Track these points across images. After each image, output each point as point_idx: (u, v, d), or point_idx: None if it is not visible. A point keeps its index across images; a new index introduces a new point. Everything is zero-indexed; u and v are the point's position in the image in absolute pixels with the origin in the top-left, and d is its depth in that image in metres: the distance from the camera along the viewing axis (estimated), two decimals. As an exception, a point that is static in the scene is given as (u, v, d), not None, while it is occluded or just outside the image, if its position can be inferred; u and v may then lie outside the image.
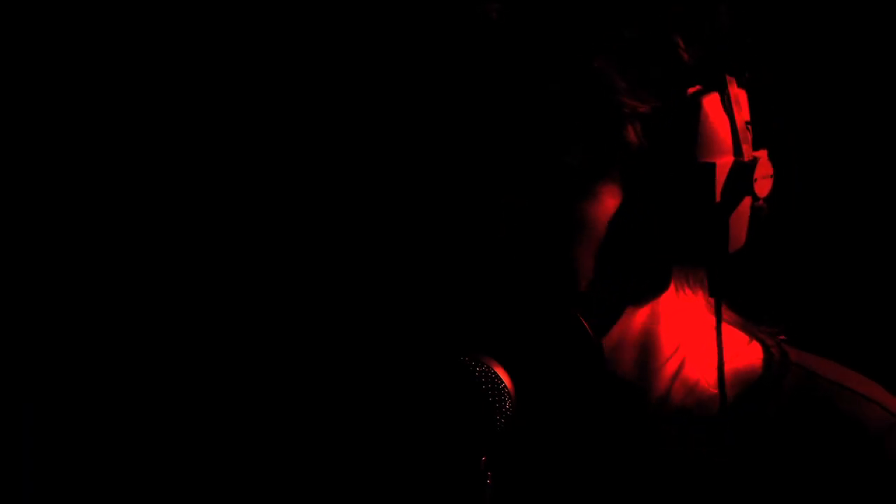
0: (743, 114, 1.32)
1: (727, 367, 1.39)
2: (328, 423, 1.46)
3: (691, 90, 1.30)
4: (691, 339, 1.41)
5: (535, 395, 1.25)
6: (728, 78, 1.31)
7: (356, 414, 1.44)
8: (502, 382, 1.23)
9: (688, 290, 1.38)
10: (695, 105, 1.29)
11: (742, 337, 1.43)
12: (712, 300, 1.39)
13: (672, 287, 1.36)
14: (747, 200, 1.31)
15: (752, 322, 1.43)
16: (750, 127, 1.33)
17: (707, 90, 1.30)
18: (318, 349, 1.74)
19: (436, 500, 1.34)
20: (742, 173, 1.31)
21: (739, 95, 1.33)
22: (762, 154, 1.33)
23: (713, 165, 1.29)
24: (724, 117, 1.31)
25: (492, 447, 1.22)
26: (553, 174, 1.27)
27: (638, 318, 1.36)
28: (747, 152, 1.32)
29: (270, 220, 1.89)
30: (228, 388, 1.87)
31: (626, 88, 1.26)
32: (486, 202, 1.28)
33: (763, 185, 1.33)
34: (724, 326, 1.41)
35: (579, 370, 1.26)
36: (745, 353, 1.43)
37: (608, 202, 1.29)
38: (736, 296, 1.40)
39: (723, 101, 1.31)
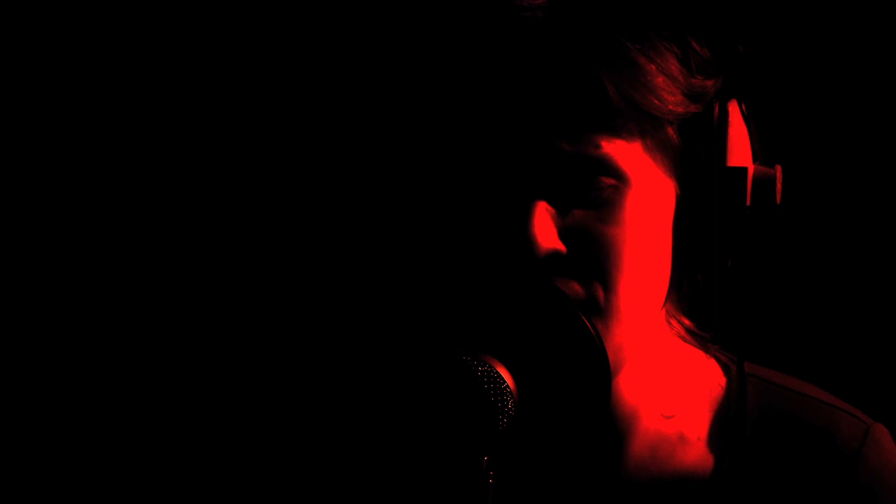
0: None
1: (692, 387, 1.41)
2: (331, 423, 1.46)
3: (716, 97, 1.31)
4: (668, 353, 1.43)
5: (537, 395, 1.25)
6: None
7: (359, 414, 1.44)
8: (504, 382, 1.23)
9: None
10: (725, 111, 1.30)
11: (698, 353, 1.44)
12: (671, 318, 1.40)
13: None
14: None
15: (699, 335, 1.45)
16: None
17: (731, 97, 1.31)
18: (322, 350, 1.74)
19: (438, 500, 1.34)
20: (769, 179, 1.32)
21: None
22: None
23: (745, 170, 1.30)
24: (742, 124, 1.32)
25: (494, 447, 1.22)
26: (594, 170, 1.28)
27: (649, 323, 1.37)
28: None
29: (270, 220, 1.89)
30: (230, 389, 1.86)
31: (665, 89, 1.27)
32: (490, 203, 1.28)
33: (779, 191, 1.34)
34: (681, 344, 1.42)
35: (582, 370, 1.26)
36: (706, 370, 1.45)
37: (648, 197, 1.30)
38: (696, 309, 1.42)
39: (741, 108, 1.32)
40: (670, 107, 1.28)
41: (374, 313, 1.48)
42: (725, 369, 1.45)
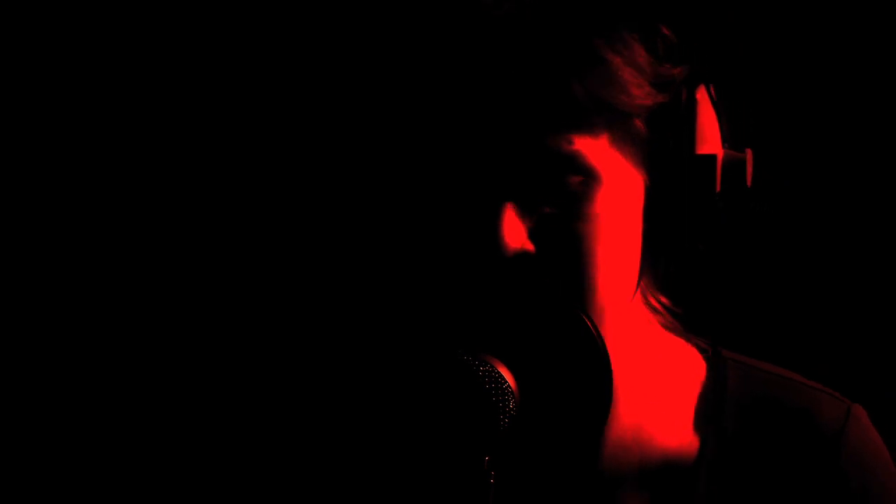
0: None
1: (672, 372, 1.42)
2: (331, 423, 1.46)
3: (682, 83, 1.31)
4: (647, 340, 1.43)
5: (538, 394, 1.25)
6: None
7: (359, 413, 1.44)
8: (506, 382, 1.23)
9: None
10: (692, 99, 1.30)
11: (677, 340, 1.45)
12: (653, 302, 1.41)
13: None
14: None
15: (677, 323, 1.45)
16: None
17: (699, 83, 1.31)
18: (323, 350, 1.74)
19: (439, 500, 1.34)
20: (738, 164, 1.32)
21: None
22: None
23: (714, 157, 1.31)
24: (710, 109, 1.32)
25: (495, 447, 1.22)
26: (563, 168, 1.27)
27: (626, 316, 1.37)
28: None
29: (271, 220, 1.89)
30: (228, 390, 1.86)
31: (632, 82, 1.27)
32: (486, 206, 1.28)
33: (749, 174, 1.35)
34: (660, 331, 1.43)
35: (584, 369, 1.26)
36: (687, 355, 1.46)
37: (618, 191, 1.30)
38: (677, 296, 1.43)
39: (710, 92, 1.32)
40: (637, 101, 1.27)
41: (375, 313, 1.47)
42: (705, 355, 1.46)
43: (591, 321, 1.26)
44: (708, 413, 1.42)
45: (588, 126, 1.27)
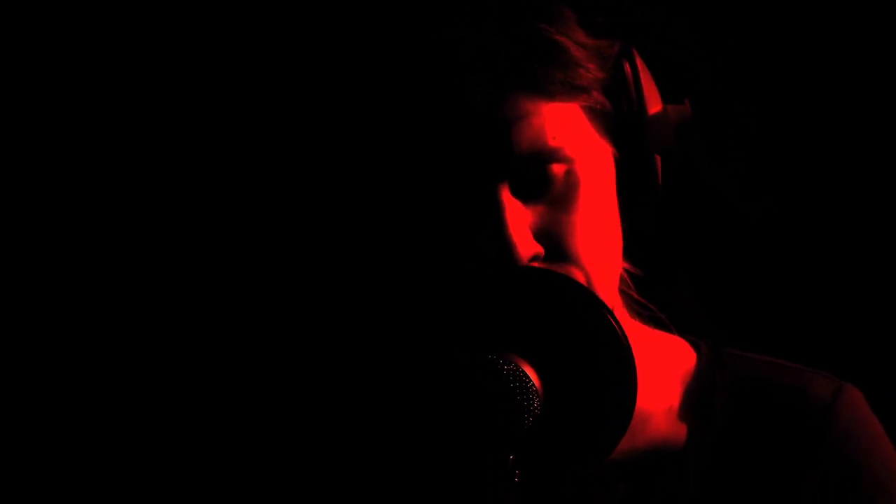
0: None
1: (661, 362, 1.43)
2: (355, 421, 1.46)
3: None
4: (636, 331, 1.45)
5: (563, 393, 1.25)
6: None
7: (384, 412, 1.44)
8: (530, 381, 1.23)
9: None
10: (634, 66, 1.38)
11: (664, 334, 1.48)
12: (640, 299, 1.45)
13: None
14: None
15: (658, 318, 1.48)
16: None
17: (631, 52, 1.38)
18: (345, 349, 1.74)
19: (464, 498, 1.34)
20: (686, 116, 1.40)
21: None
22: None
23: (665, 113, 1.39)
24: (648, 74, 1.39)
25: (520, 445, 1.22)
26: (548, 160, 1.31)
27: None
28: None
29: (283, 219, 1.88)
30: (243, 390, 1.86)
31: (583, 60, 1.34)
32: (487, 205, 1.31)
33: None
34: (647, 326, 1.44)
35: (608, 369, 1.26)
36: (675, 348, 1.48)
37: (596, 168, 1.35)
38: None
39: (641, 60, 1.39)
40: (591, 75, 1.33)
41: (401, 313, 1.48)
42: (695, 346, 1.49)
43: (615, 318, 1.26)
44: (698, 397, 1.43)
45: (562, 111, 1.31)
